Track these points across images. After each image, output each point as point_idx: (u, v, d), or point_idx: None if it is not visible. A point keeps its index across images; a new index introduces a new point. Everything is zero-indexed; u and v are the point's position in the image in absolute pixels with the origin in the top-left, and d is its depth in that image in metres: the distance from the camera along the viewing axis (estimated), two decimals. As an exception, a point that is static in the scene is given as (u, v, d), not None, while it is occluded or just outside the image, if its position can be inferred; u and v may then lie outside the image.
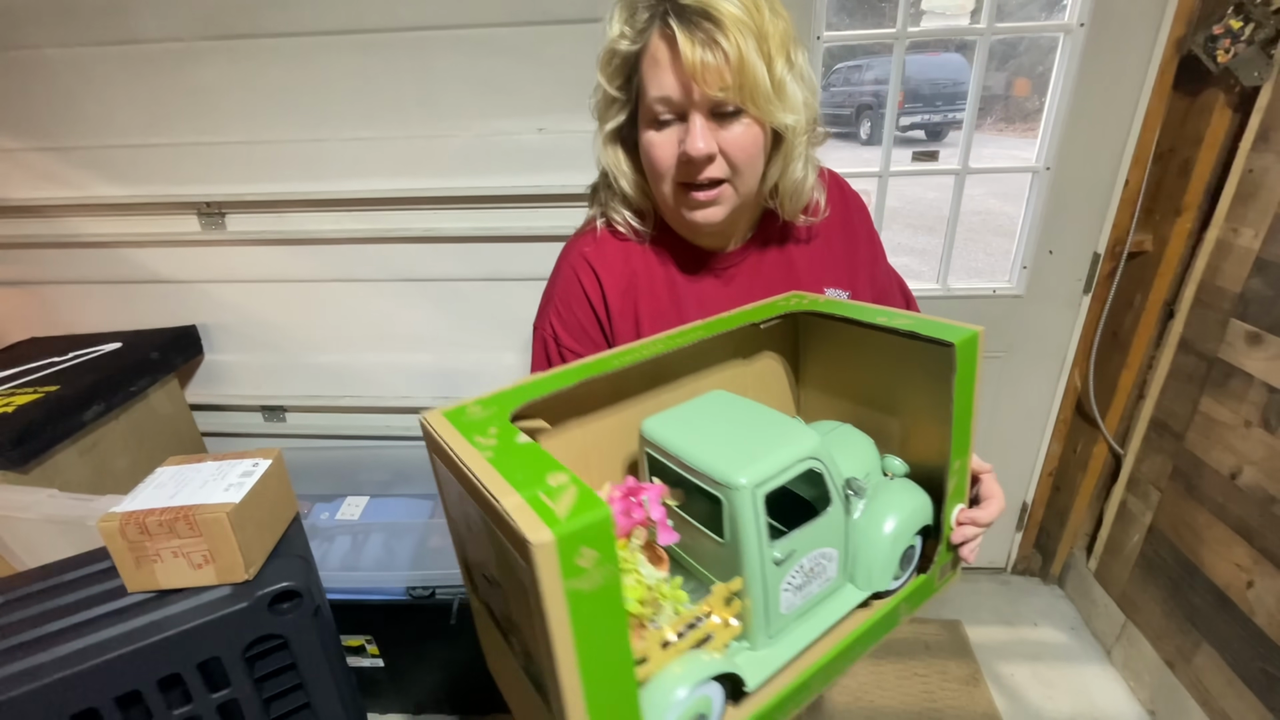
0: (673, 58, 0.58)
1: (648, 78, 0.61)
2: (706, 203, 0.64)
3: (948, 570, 0.60)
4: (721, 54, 0.56)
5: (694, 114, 0.60)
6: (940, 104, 7.02)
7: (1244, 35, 1.16)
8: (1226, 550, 1.24)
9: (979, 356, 0.51)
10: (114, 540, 0.70)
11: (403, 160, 1.42)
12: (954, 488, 0.56)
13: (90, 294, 1.59)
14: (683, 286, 0.73)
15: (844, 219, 0.76)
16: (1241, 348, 1.21)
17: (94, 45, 1.36)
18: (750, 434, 0.48)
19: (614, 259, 0.71)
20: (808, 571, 0.49)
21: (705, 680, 0.42)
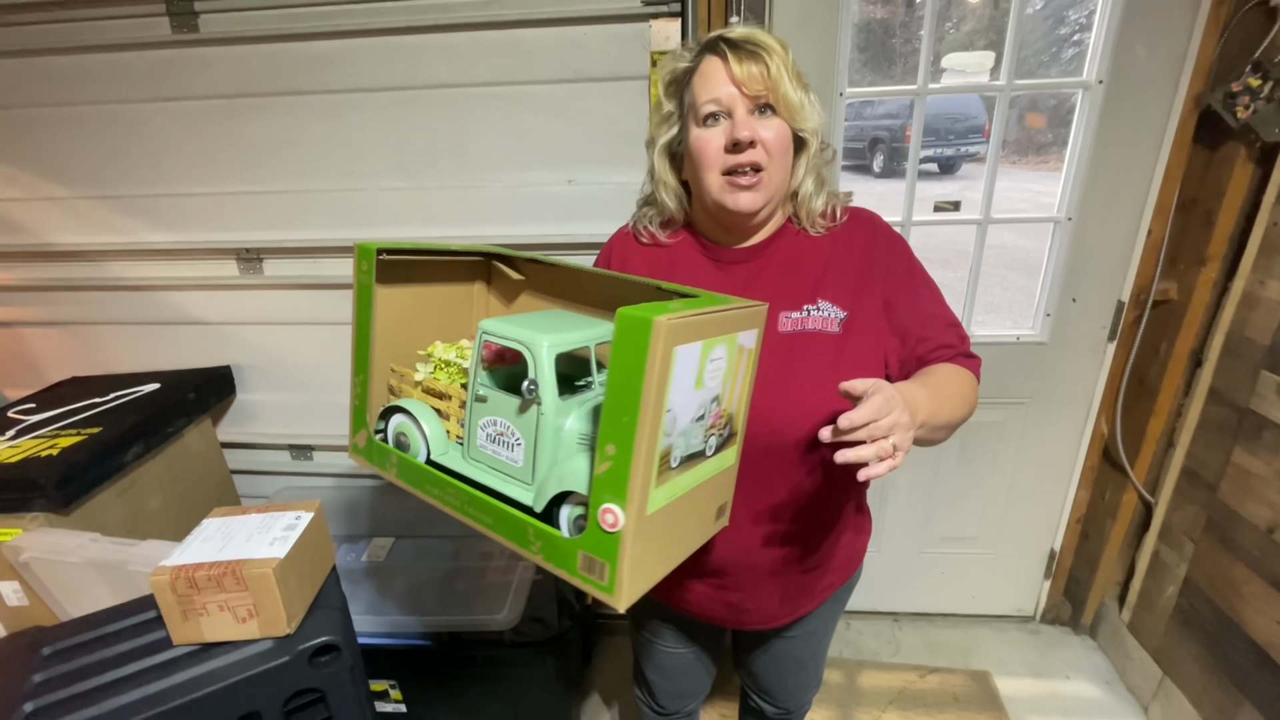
0: (723, 70, 0.74)
1: (699, 88, 0.76)
2: (749, 186, 0.75)
3: (597, 571, 0.54)
4: (763, 67, 0.72)
5: (738, 110, 0.74)
6: (953, 138, 7.09)
7: (1263, 93, 1.18)
8: (1266, 607, 1.21)
9: (654, 346, 0.46)
10: (164, 594, 0.72)
11: (435, 209, 1.46)
12: (601, 475, 0.51)
13: (130, 335, 1.65)
14: (682, 268, 0.85)
15: (868, 250, 0.81)
16: (1274, 400, 1.20)
17: (147, 101, 1.43)
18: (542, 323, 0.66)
19: (627, 240, 0.91)
20: (496, 434, 0.66)
21: (414, 418, 0.73)
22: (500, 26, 1.29)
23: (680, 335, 0.48)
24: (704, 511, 0.64)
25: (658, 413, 0.49)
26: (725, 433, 0.61)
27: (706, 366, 0.54)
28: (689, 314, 0.50)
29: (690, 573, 0.86)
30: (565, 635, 1.32)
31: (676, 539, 0.60)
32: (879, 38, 5.21)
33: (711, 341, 0.53)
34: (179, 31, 1.35)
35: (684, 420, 0.54)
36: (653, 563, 0.57)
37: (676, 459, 0.54)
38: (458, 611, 1.30)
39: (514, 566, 1.41)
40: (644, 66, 1.29)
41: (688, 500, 0.58)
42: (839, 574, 0.93)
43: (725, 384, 0.58)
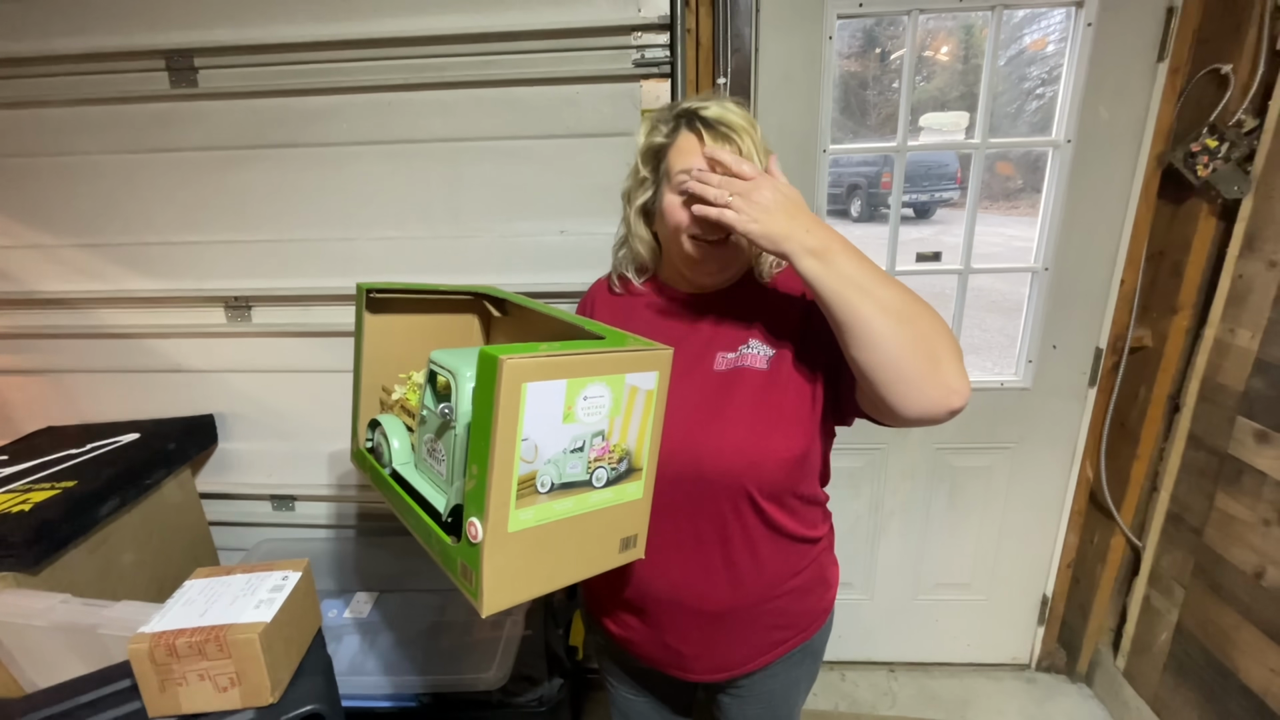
0: (697, 146, 0.80)
1: (674, 160, 0.82)
2: (714, 250, 0.81)
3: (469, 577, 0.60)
4: (735, 147, 0.79)
5: None
6: (927, 184, 7.36)
7: (1220, 153, 1.26)
8: (1259, 654, 1.22)
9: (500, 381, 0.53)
10: (141, 664, 0.69)
11: (428, 258, 1.47)
12: (468, 492, 0.59)
13: (110, 383, 1.61)
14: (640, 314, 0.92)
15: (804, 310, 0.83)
16: (1251, 445, 1.23)
17: (141, 152, 1.44)
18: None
19: (601, 289, 1.01)
20: (432, 448, 0.76)
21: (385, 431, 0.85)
22: (496, 85, 1.33)
23: (530, 374, 0.55)
24: (599, 540, 0.68)
25: (509, 440, 0.56)
26: (622, 467, 0.66)
27: (578, 403, 0.60)
28: (547, 355, 0.56)
29: (626, 608, 0.90)
30: (555, 695, 1.28)
31: (557, 560, 0.65)
32: (853, 89, 5.45)
33: (580, 380, 0.59)
34: (178, 86, 1.38)
35: (551, 450, 0.60)
36: (522, 578, 0.62)
37: (546, 485, 0.60)
38: (444, 670, 1.26)
39: (502, 623, 1.37)
40: (635, 123, 1.33)
41: (570, 526, 0.64)
42: (794, 630, 0.90)
43: (612, 421, 0.63)
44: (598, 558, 0.68)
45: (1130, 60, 1.31)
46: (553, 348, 0.59)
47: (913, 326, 0.66)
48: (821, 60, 1.34)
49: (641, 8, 1.27)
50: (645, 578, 0.85)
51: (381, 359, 0.96)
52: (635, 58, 1.29)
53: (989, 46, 1.34)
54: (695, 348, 0.84)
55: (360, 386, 0.96)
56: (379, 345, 0.96)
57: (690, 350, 0.84)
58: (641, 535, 0.72)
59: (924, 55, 1.35)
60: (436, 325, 1.00)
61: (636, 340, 0.67)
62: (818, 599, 0.92)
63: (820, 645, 0.96)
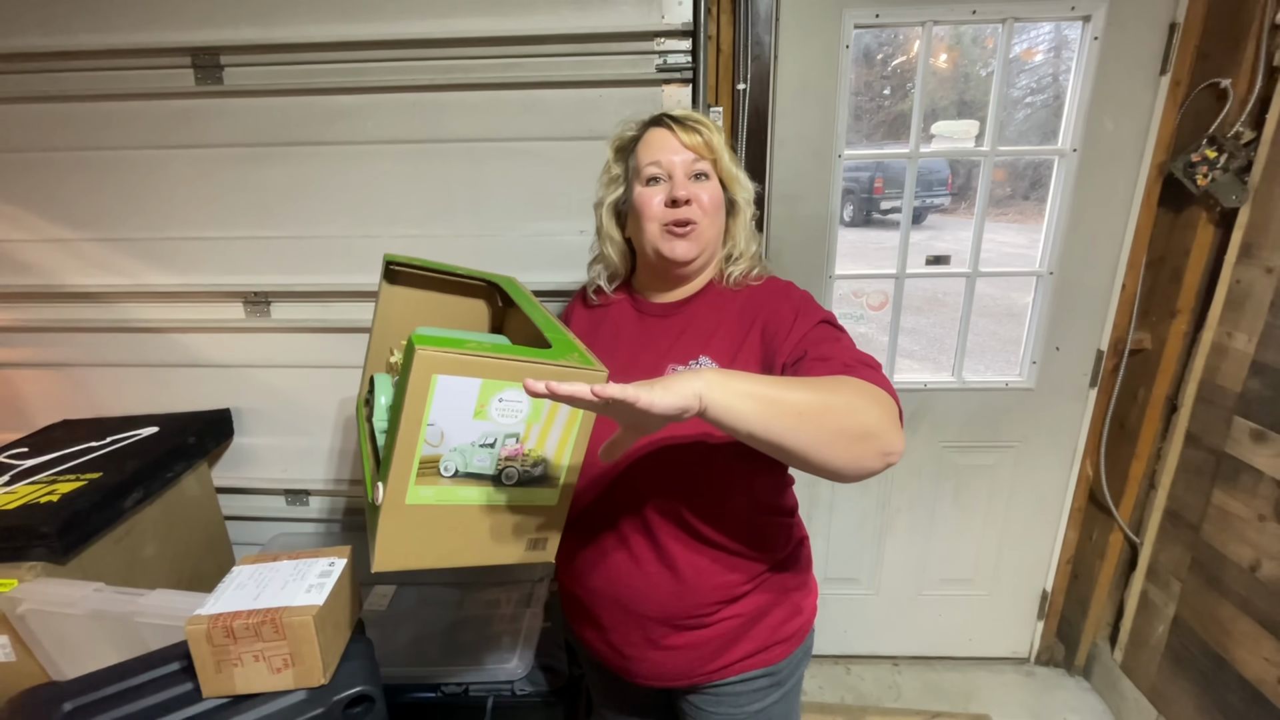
0: (668, 138, 0.85)
1: (642, 154, 0.86)
2: (683, 235, 0.84)
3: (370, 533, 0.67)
4: (703, 139, 0.85)
5: (677, 171, 0.84)
6: (919, 190, 7.44)
7: (1219, 163, 1.31)
8: (1255, 645, 1.26)
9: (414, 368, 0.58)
10: (199, 645, 0.71)
11: (447, 255, 1.46)
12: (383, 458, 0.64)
13: (127, 376, 1.62)
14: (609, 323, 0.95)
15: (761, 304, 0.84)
16: (1247, 444, 1.28)
17: (164, 148, 1.45)
18: None
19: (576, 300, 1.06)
20: None
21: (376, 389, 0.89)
22: (520, 87, 1.36)
23: (442, 367, 0.59)
24: (504, 534, 0.71)
25: (414, 421, 0.60)
26: (536, 471, 0.68)
27: (492, 404, 0.63)
28: (469, 353, 0.59)
29: (582, 607, 0.92)
30: (575, 684, 1.30)
31: (456, 541, 0.69)
32: (851, 98, 5.52)
33: (496, 383, 0.62)
34: (203, 83, 1.39)
35: (457, 439, 0.63)
36: (416, 547, 0.67)
37: (450, 469, 0.64)
38: (466, 661, 1.28)
39: (521, 614, 1.39)
40: (656, 127, 1.37)
41: (472, 513, 0.68)
42: (753, 646, 0.85)
43: (529, 426, 0.65)
44: (501, 550, 0.72)
45: (1134, 73, 1.36)
46: (482, 347, 0.62)
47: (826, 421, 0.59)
48: (838, 68, 1.38)
49: (665, 14, 1.30)
50: (588, 575, 0.87)
51: (396, 323, 1.05)
52: (658, 63, 1.32)
53: (998, 57, 1.38)
54: (653, 358, 0.85)
55: (372, 345, 1.05)
56: (395, 311, 1.05)
57: (646, 362, 0.85)
58: (553, 539, 0.74)
59: (927, 63, 1.39)
60: (451, 305, 1.09)
61: (580, 355, 0.67)
62: (780, 621, 0.86)
63: (789, 677, 0.89)
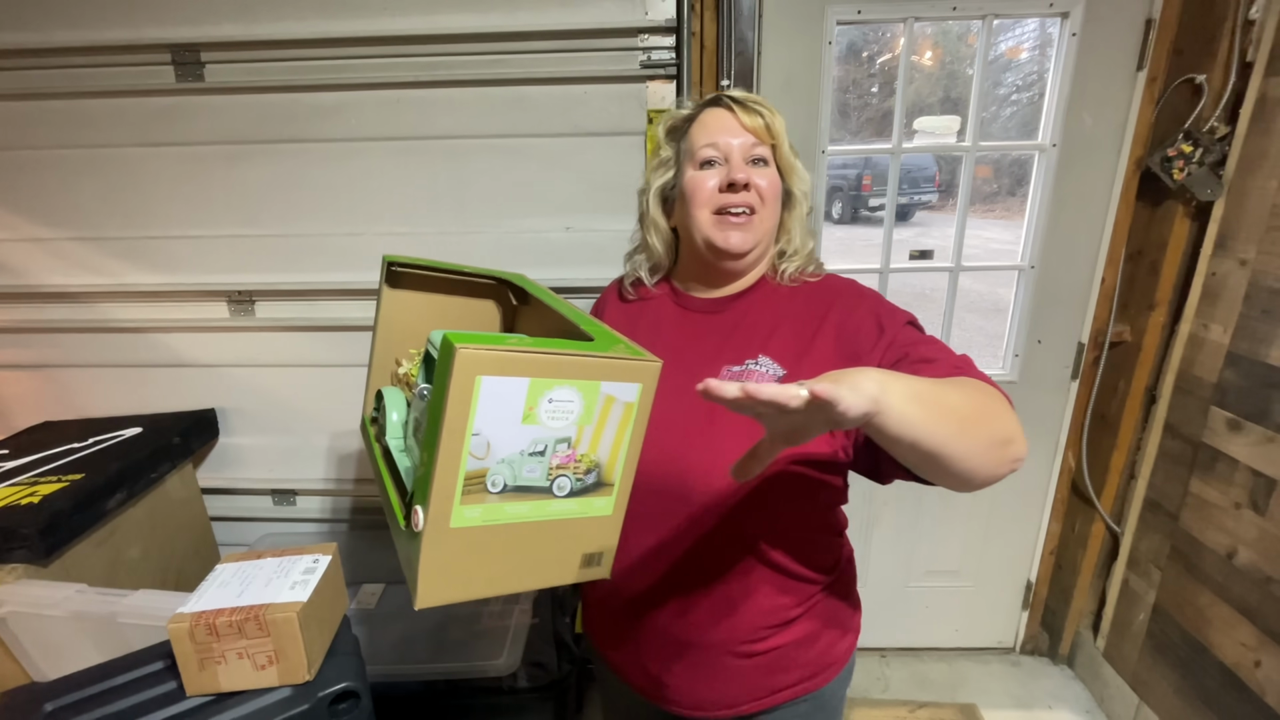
0: (726, 118, 0.79)
1: (697, 135, 0.80)
2: (739, 225, 0.78)
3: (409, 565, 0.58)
4: (764, 122, 0.78)
5: (735, 155, 0.78)
6: (907, 187, 7.51)
7: (1195, 158, 1.33)
8: (1231, 630, 1.29)
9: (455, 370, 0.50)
10: (182, 643, 0.70)
11: (435, 253, 1.46)
12: (418, 479, 0.57)
13: (110, 377, 1.60)
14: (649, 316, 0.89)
15: (828, 309, 0.77)
16: (1224, 433, 1.31)
17: (145, 146, 1.44)
18: None
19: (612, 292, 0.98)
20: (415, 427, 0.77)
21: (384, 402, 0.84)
22: (505, 84, 1.36)
23: (487, 367, 0.51)
24: (557, 552, 0.63)
25: (457, 432, 0.52)
26: (589, 479, 0.61)
27: (541, 405, 0.55)
28: (512, 349, 0.52)
29: (615, 628, 0.85)
30: (565, 680, 1.31)
31: (506, 564, 0.61)
32: (836, 93, 5.57)
33: (546, 381, 0.55)
34: (184, 80, 1.38)
35: (505, 449, 0.55)
36: (463, 576, 0.58)
37: (498, 484, 0.56)
38: (454, 658, 1.28)
39: (510, 611, 1.39)
40: (641, 123, 1.37)
41: (523, 531, 0.60)
42: (796, 675, 0.81)
43: (581, 428, 0.58)
44: (554, 570, 0.64)
45: (1112, 69, 1.38)
46: (524, 342, 0.54)
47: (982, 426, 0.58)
48: (821, 64, 1.39)
49: (648, 10, 1.30)
50: (630, 595, 0.80)
51: (400, 330, 0.95)
52: (642, 59, 1.32)
53: (979, 53, 1.40)
54: (700, 357, 0.79)
55: (375, 355, 0.95)
56: (398, 317, 0.95)
57: (694, 360, 0.78)
58: (609, 554, 0.66)
59: (909, 59, 1.40)
60: (458, 307, 1.00)
61: (626, 346, 0.61)
62: (829, 644, 0.82)
63: (834, 699, 0.85)
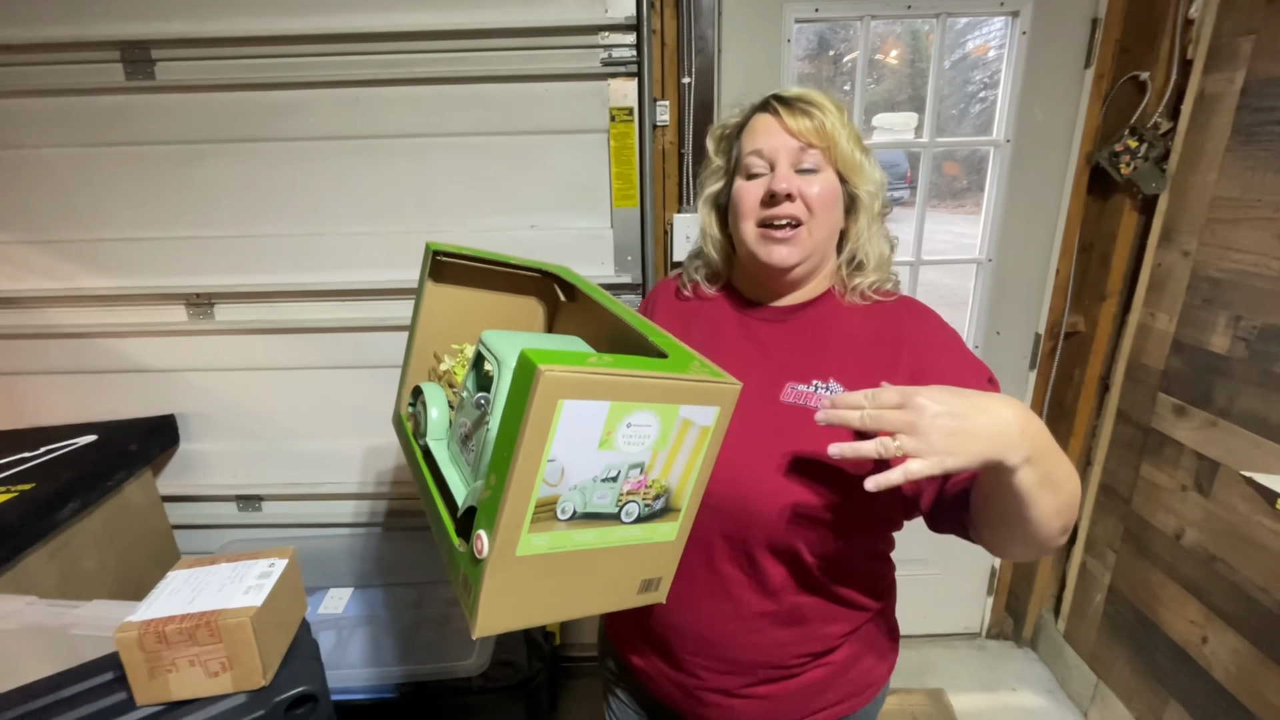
0: (773, 124, 0.74)
1: (746, 141, 0.76)
2: (782, 240, 0.73)
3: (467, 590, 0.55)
4: (817, 121, 0.72)
5: (781, 163, 0.73)
6: (879, 185, 7.60)
7: (1141, 153, 1.37)
8: (1180, 608, 1.34)
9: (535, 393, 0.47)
10: (130, 652, 0.69)
11: (398, 252, 1.48)
12: (483, 502, 0.53)
13: (64, 384, 1.56)
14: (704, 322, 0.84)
15: (905, 341, 0.73)
16: (1170, 419, 1.35)
17: (95, 146, 1.40)
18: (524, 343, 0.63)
19: (668, 289, 0.93)
20: (465, 434, 0.70)
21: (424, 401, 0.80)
22: (466, 81, 1.35)
23: (570, 390, 0.48)
24: (617, 578, 0.61)
25: (533, 458, 0.50)
26: (657, 505, 0.59)
27: (619, 430, 0.53)
28: (595, 371, 0.49)
29: (650, 640, 0.82)
30: (535, 678, 1.31)
31: (566, 592, 0.59)
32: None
33: (626, 405, 0.52)
34: (134, 78, 1.35)
35: (579, 476, 0.53)
36: (523, 604, 0.56)
37: (567, 512, 0.54)
38: (423, 660, 1.27)
39: (480, 610, 1.39)
40: (603, 121, 1.37)
41: (586, 558, 0.57)
42: (843, 694, 0.79)
43: (655, 453, 0.56)
44: (612, 596, 0.62)
45: (1061, 66, 1.42)
46: (603, 361, 0.51)
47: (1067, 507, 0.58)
48: (781, 62, 1.40)
49: (608, 8, 1.31)
50: (674, 611, 0.78)
51: (440, 323, 0.89)
52: (603, 56, 1.33)
53: (935, 51, 1.42)
54: (762, 370, 0.75)
55: (412, 348, 0.89)
56: (438, 309, 0.89)
57: (756, 372, 0.74)
58: (667, 579, 0.64)
59: (875, 58, 1.44)
60: (499, 303, 0.93)
61: (702, 365, 0.58)
62: (870, 667, 0.81)
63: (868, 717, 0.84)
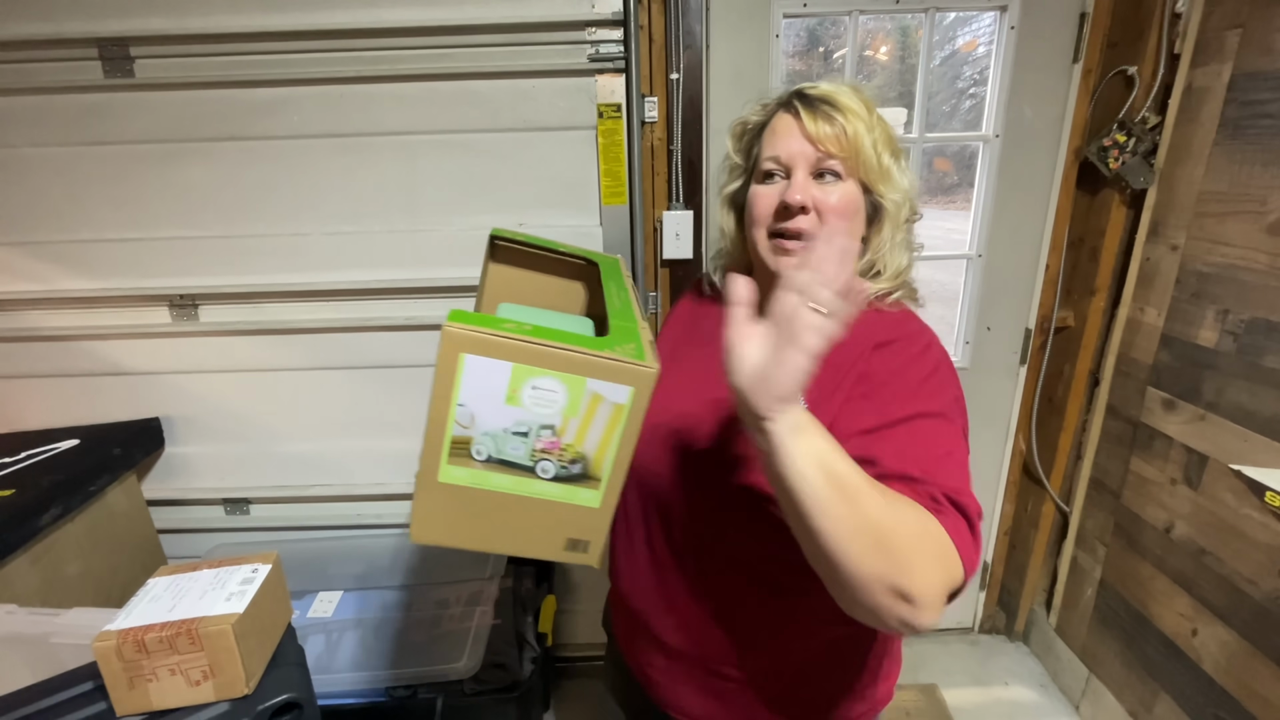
0: (793, 127, 0.69)
1: (766, 143, 0.72)
2: (792, 251, 0.69)
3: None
4: (839, 127, 0.68)
5: (798, 171, 0.69)
6: (870, 181, 7.62)
7: (1129, 147, 1.37)
8: (1170, 600, 1.34)
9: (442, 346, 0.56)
10: (109, 661, 0.68)
11: (385, 252, 1.46)
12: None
13: (44, 388, 1.53)
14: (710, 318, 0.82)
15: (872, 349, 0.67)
16: (1159, 413, 1.36)
17: (74, 145, 1.38)
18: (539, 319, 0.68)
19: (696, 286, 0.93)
20: None
21: None
22: (452, 78, 1.33)
23: (469, 347, 0.57)
24: (541, 529, 0.68)
25: (443, 399, 0.58)
26: (574, 469, 0.64)
27: (524, 390, 0.60)
28: (499, 334, 0.57)
29: (627, 629, 0.85)
30: (527, 680, 1.30)
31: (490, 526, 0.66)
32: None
33: (528, 369, 0.59)
34: (112, 76, 1.32)
35: (489, 424, 0.61)
36: (451, 525, 0.65)
37: (482, 454, 0.62)
38: (414, 663, 1.26)
39: (471, 613, 1.38)
40: (591, 117, 1.36)
41: (506, 501, 0.65)
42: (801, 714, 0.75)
43: (566, 419, 0.61)
44: (538, 545, 0.68)
45: (1049, 62, 1.42)
46: (521, 329, 0.59)
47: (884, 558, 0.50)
48: (769, 58, 1.40)
49: (595, 4, 1.29)
50: (622, 584, 0.82)
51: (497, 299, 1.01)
52: (590, 52, 1.31)
53: (923, 46, 1.42)
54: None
55: None
56: (499, 291, 1.00)
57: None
58: (595, 544, 0.68)
59: (865, 54, 1.43)
60: (548, 285, 1.02)
61: (634, 349, 0.62)
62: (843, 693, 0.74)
63: None
